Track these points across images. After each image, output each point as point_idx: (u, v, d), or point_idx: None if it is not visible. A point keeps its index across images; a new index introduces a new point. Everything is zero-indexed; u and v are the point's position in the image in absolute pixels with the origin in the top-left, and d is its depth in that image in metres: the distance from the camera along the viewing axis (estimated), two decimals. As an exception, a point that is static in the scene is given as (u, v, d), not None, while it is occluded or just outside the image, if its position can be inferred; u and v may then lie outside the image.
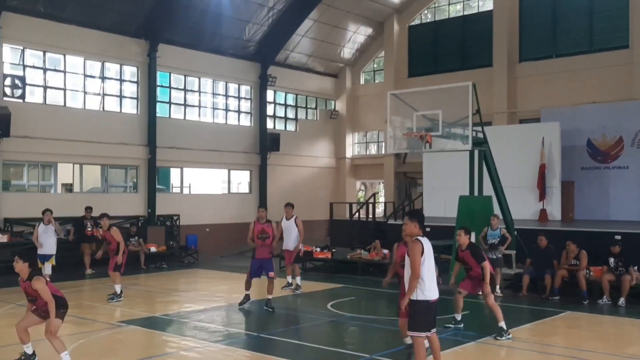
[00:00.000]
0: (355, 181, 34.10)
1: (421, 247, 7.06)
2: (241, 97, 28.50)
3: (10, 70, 20.67)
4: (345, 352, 9.24)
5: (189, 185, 26.73)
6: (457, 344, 9.85)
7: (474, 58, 28.54)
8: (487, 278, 10.07)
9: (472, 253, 10.37)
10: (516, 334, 10.49)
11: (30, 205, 20.62)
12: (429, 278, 7.15)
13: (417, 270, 7.02)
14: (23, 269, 8.11)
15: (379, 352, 9.17)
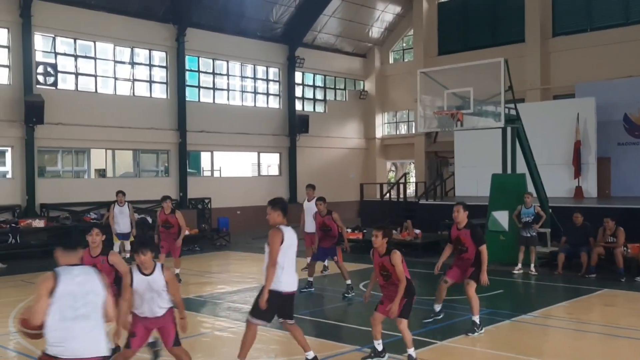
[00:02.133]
0: (386, 161, 33.91)
1: (281, 236, 6.87)
2: (269, 79, 28.46)
3: (42, 58, 20.93)
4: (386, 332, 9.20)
5: (219, 169, 26.89)
6: (492, 322, 9.74)
7: (505, 34, 27.98)
8: (484, 265, 8.88)
9: (471, 233, 8.99)
10: (552, 312, 10.37)
11: (65, 191, 21.02)
12: (286, 269, 6.96)
13: (274, 259, 6.84)
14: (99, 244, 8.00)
15: (413, 330, 9.08)
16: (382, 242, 7.49)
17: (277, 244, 6.84)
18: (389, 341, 8.12)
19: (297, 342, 7.37)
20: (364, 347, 8.25)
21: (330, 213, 12.33)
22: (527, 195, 14.77)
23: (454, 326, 9.52)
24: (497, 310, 10.56)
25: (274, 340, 9.21)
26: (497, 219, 15.52)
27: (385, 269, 7.52)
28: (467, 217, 9.12)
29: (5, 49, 20.12)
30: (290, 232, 7.03)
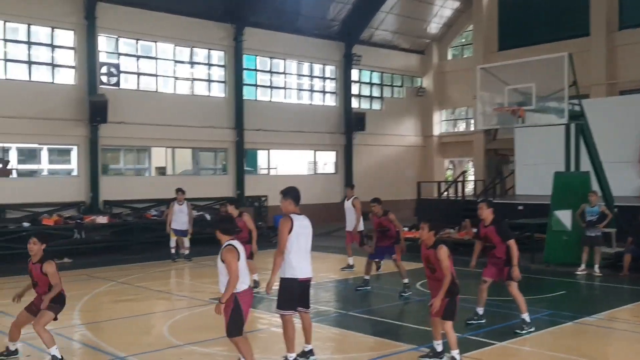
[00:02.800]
0: (443, 159, 33.46)
1: (290, 224, 7.06)
2: (326, 77, 28.49)
3: (106, 59, 21.53)
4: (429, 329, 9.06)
5: (275, 167, 27.09)
6: (553, 324, 9.47)
7: (568, 28, 27.13)
8: (514, 259, 8.77)
9: (497, 229, 8.98)
10: (617, 315, 10.01)
11: (126, 188, 21.59)
12: (298, 256, 7.14)
13: (282, 246, 7.06)
14: (39, 252, 7.88)
15: (471, 331, 8.95)
16: (428, 234, 7.51)
17: (285, 231, 7.06)
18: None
19: (304, 330, 7.46)
20: (421, 347, 8.14)
21: (387, 214, 12.27)
22: (591, 193, 14.30)
23: (513, 327, 9.29)
24: (559, 311, 10.26)
25: (329, 338, 9.20)
26: (560, 219, 15.07)
27: (430, 262, 7.51)
28: (492, 213, 9.12)
29: (72, 50, 20.79)
30: (302, 220, 7.26)
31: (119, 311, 11.05)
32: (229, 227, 6.88)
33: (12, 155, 21.49)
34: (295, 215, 7.23)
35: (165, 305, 11.77)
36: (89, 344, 8.74)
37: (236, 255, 6.59)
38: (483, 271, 9.36)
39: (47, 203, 19.69)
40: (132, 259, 16.69)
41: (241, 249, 6.74)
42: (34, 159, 21.68)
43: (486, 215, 9.13)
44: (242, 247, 6.79)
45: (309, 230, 7.37)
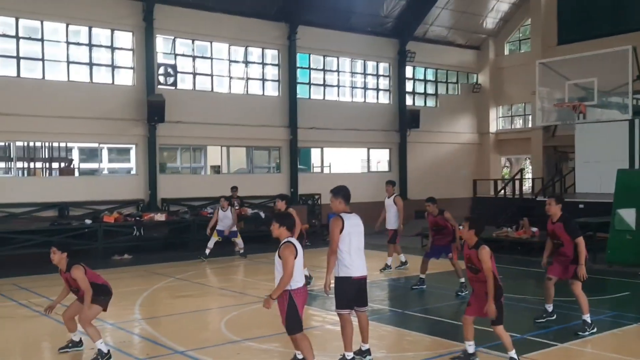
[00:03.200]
0: (500, 157, 32.84)
1: (341, 223, 7.04)
2: (379, 74, 28.34)
3: (163, 60, 21.97)
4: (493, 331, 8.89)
5: (329, 165, 27.11)
6: (616, 325, 9.18)
7: (632, 20, 26.03)
8: (582, 258, 8.58)
9: (565, 226, 8.75)
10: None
11: (183, 186, 22.00)
12: (351, 255, 7.10)
13: (334, 246, 7.06)
14: (62, 260, 7.96)
15: (530, 332, 8.75)
16: (468, 233, 7.30)
17: (337, 231, 7.06)
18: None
19: (360, 330, 7.45)
20: (479, 347, 7.99)
21: (442, 212, 12.11)
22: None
23: (574, 328, 9.03)
24: (623, 313, 9.93)
25: (385, 336, 9.15)
26: (624, 217, 14.57)
27: (472, 262, 7.30)
28: (560, 209, 8.89)
29: (130, 51, 21.30)
30: (353, 219, 7.24)
31: (177, 307, 11.27)
32: (290, 223, 6.89)
33: (74, 154, 22.21)
34: (346, 214, 7.23)
35: (222, 301, 11.93)
36: (149, 337, 8.93)
37: (294, 252, 6.61)
38: (548, 269, 9.19)
39: (107, 201, 20.26)
40: (189, 255, 16.99)
41: (299, 247, 6.75)
42: (95, 158, 22.32)
43: (554, 211, 8.92)
44: (300, 246, 6.79)
45: (360, 229, 7.35)
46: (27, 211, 19.13)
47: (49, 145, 20.59)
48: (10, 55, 19.18)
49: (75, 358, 8.10)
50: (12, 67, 19.19)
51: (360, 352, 7.41)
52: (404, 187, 28.22)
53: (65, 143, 20.92)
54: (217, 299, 12.20)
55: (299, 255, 6.69)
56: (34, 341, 9.05)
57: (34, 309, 10.80)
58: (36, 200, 19.24)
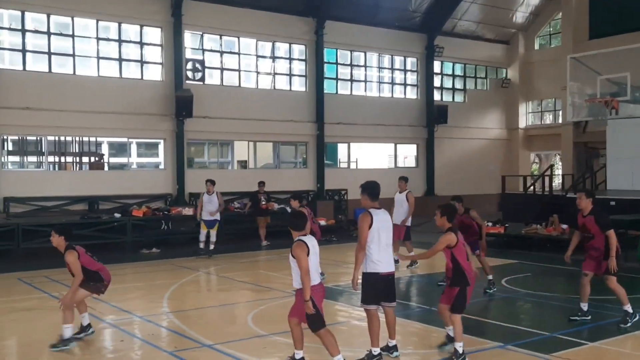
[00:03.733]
0: (529, 153, 32.45)
1: (370, 219, 7.02)
2: (407, 69, 28.17)
3: (191, 55, 22.11)
4: (521, 329, 8.81)
5: (355, 160, 27.04)
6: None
7: (666, 13, 25.56)
8: (612, 250, 8.65)
9: (595, 218, 8.81)
10: None
11: (211, 181, 22.07)
12: (379, 251, 7.08)
13: (362, 242, 7.02)
14: (60, 243, 8.20)
15: (560, 330, 8.62)
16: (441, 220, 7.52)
17: (365, 227, 7.03)
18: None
19: (387, 325, 7.43)
20: (507, 344, 7.92)
21: (468, 211, 11.93)
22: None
23: (605, 327, 8.90)
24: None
25: (412, 333, 9.10)
26: (656, 215, 14.30)
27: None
28: (591, 203, 8.99)
29: (159, 47, 21.47)
30: (382, 214, 7.21)
31: (204, 300, 11.35)
32: (297, 223, 6.88)
33: (104, 149, 22.49)
34: (375, 210, 7.20)
35: (249, 295, 11.98)
36: (176, 330, 9.01)
37: (305, 250, 6.61)
38: (582, 265, 9.14)
39: (136, 195, 20.48)
40: (215, 250, 17.10)
41: (312, 244, 6.74)
42: (124, 153, 22.58)
43: (585, 205, 9.00)
44: (314, 242, 6.79)
45: (388, 225, 7.32)
46: (58, 205, 19.46)
47: (79, 140, 20.87)
48: (42, 50, 19.48)
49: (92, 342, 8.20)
50: (43, 63, 19.50)
51: (387, 347, 7.39)
52: (431, 183, 28.03)
53: (95, 138, 21.20)
54: (244, 293, 12.25)
55: (312, 252, 6.67)
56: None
57: (65, 301, 10.96)
58: (67, 194, 19.55)
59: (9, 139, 20.30)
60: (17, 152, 20.87)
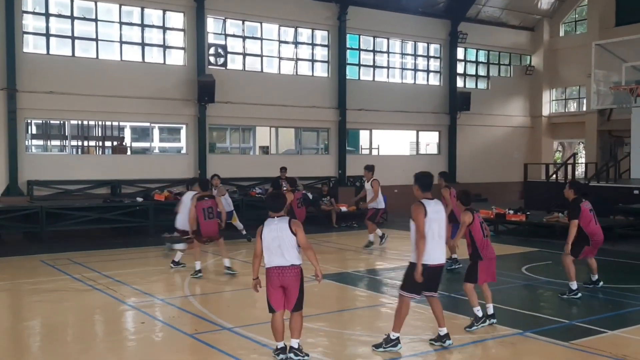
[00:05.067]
0: (553, 141, 32.09)
1: (423, 209, 7.03)
2: (430, 55, 27.95)
3: (213, 40, 22.15)
4: (542, 317, 8.78)
5: (377, 147, 26.98)
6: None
7: (695, -1, 25.06)
8: (569, 237, 9.64)
9: (569, 207, 9.93)
10: None
11: (232, 166, 22.24)
12: (430, 242, 7.04)
13: (422, 231, 7.00)
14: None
15: (580, 318, 8.59)
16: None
17: (421, 217, 7.00)
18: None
19: (435, 316, 7.44)
20: (526, 332, 7.90)
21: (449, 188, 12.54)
22: None
23: (625, 316, 8.83)
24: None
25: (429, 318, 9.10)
26: (681, 204, 14.11)
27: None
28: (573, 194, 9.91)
29: (181, 32, 21.55)
30: (434, 205, 7.18)
31: (225, 284, 11.45)
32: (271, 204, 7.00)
33: (127, 133, 22.69)
34: (427, 201, 7.16)
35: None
36: (197, 314, 9.12)
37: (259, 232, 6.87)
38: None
39: (158, 179, 20.65)
40: (237, 234, 17.21)
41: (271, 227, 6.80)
42: (146, 137, 22.74)
43: (568, 194, 9.99)
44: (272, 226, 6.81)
45: (441, 215, 7.26)
46: (81, 188, 19.70)
47: (102, 124, 21.08)
48: (65, 35, 19.66)
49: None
50: (67, 47, 19.67)
51: (439, 337, 7.38)
52: (453, 170, 27.87)
53: (117, 122, 21.37)
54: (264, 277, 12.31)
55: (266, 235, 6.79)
56: (86, 314, 9.35)
57: (87, 283, 11.15)
58: (90, 178, 19.78)
59: (32, 123, 20.54)
60: (41, 136, 21.13)
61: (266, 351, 7.14)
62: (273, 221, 6.82)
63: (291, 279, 6.75)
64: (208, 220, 11.45)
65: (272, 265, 6.77)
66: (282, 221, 6.79)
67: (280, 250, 6.72)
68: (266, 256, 6.79)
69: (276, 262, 6.75)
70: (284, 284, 6.77)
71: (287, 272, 6.75)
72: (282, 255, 6.73)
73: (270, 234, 6.76)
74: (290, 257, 6.75)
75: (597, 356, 7.03)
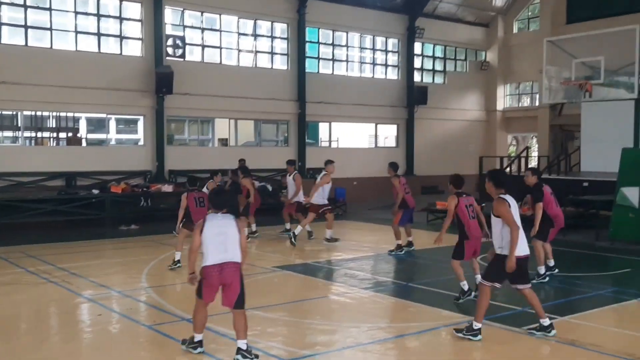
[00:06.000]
0: (507, 135, 32.81)
1: (507, 204, 7.28)
2: (388, 50, 28.24)
3: (171, 31, 21.94)
4: (495, 304, 9.02)
5: (337, 139, 27.15)
6: (617, 301, 9.33)
7: (643, -2, 25.89)
8: (536, 219, 10.04)
9: (532, 192, 10.28)
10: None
11: (190, 158, 22.11)
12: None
13: (515, 223, 7.20)
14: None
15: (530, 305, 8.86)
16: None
17: (507, 210, 7.26)
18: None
19: (533, 306, 7.54)
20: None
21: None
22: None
23: (575, 302, 9.18)
24: (624, 289, 10.07)
25: (386, 307, 9.27)
26: (627, 195, 14.62)
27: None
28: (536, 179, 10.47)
29: (139, 22, 21.28)
30: (512, 199, 7.46)
31: (183, 276, 11.38)
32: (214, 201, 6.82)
33: (82, 124, 22.31)
34: (504, 196, 7.45)
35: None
36: (155, 305, 9.10)
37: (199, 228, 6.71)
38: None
39: (115, 171, 20.40)
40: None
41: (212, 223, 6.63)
42: (103, 129, 22.41)
43: (530, 181, 10.46)
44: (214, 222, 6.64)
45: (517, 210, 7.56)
46: (35, 180, 19.33)
47: (56, 115, 20.68)
48: (18, 24, 19.20)
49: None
50: (20, 36, 19.23)
51: (542, 327, 7.46)
52: (410, 163, 28.28)
53: (73, 113, 20.99)
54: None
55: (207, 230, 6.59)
56: (40, 307, 9.23)
57: (42, 276, 10.99)
58: (43, 170, 19.41)
59: (-15, 114, 20.07)
60: (-7, 127, 20.64)
61: (225, 341, 7.20)
62: (216, 216, 6.67)
63: (232, 274, 6.54)
64: (199, 208, 11.43)
65: (212, 262, 6.55)
66: (228, 218, 6.65)
67: (224, 246, 6.56)
68: (206, 252, 6.56)
69: (218, 258, 6.54)
70: (224, 281, 6.56)
71: (229, 267, 6.53)
72: (226, 251, 6.55)
73: (214, 230, 6.58)
74: (233, 254, 6.60)
75: (547, 341, 7.31)
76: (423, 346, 7.29)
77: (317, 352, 6.90)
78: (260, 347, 6.97)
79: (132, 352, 7.10)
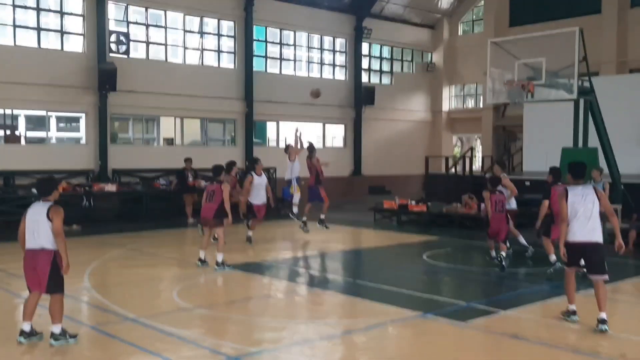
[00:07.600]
0: (452, 135, 33.40)
1: (565, 195, 7.81)
2: (336, 50, 28.36)
3: (115, 27, 21.45)
4: (440, 299, 9.18)
5: (285, 139, 27.06)
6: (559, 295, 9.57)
7: (581, 4, 26.80)
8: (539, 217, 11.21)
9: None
10: (621, 287, 10.12)
11: (135, 157, 21.67)
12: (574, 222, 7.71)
13: (563, 216, 7.78)
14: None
15: (476, 300, 9.04)
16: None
17: (562, 202, 7.81)
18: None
19: (597, 299, 7.65)
20: (427, 313, 8.23)
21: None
22: (595, 170, 14.12)
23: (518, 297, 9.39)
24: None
25: (335, 303, 9.28)
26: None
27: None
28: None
29: (80, 17, 20.73)
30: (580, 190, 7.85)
31: (128, 276, 11.19)
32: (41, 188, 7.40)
33: (21, 122, 21.57)
34: (572, 187, 7.93)
35: (174, 270, 11.91)
36: (99, 305, 8.87)
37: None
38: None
39: (55, 170, 19.67)
40: (140, 227, 16.82)
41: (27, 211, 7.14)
42: (43, 127, 21.73)
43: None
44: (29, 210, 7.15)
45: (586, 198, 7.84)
46: (-29, 179, 18.60)
47: (-6, 112, 19.96)
48: (-47, 17, 18.47)
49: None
50: (-45, 30, 18.49)
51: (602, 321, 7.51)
52: (358, 162, 28.46)
53: (11, 110, 20.28)
54: (169, 268, 12.16)
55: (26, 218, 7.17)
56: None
57: (-20, 277, 10.58)
58: (-20, 168, 18.70)
59: None
60: None
61: (170, 340, 7.07)
62: (38, 204, 7.14)
63: (42, 262, 6.96)
64: (207, 203, 11.21)
65: (28, 247, 7.05)
66: (44, 206, 7.03)
67: (35, 234, 7.00)
68: (26, 238, 7.05)
69: (30, 244, 7.03)
70: (36, 266, 6.99)
71: (38, 255, 6.97)
72: (35, 239, 7.00)
73: (31, 217, 7.06)
74: (42, 241, 6.98)
75: (491, 334, 7.46)
76: (370, 341, 7.32)
77: (265, 349, 6.85)
78: (208, 345, 6.87)
79: (75, 353, 6.89)
